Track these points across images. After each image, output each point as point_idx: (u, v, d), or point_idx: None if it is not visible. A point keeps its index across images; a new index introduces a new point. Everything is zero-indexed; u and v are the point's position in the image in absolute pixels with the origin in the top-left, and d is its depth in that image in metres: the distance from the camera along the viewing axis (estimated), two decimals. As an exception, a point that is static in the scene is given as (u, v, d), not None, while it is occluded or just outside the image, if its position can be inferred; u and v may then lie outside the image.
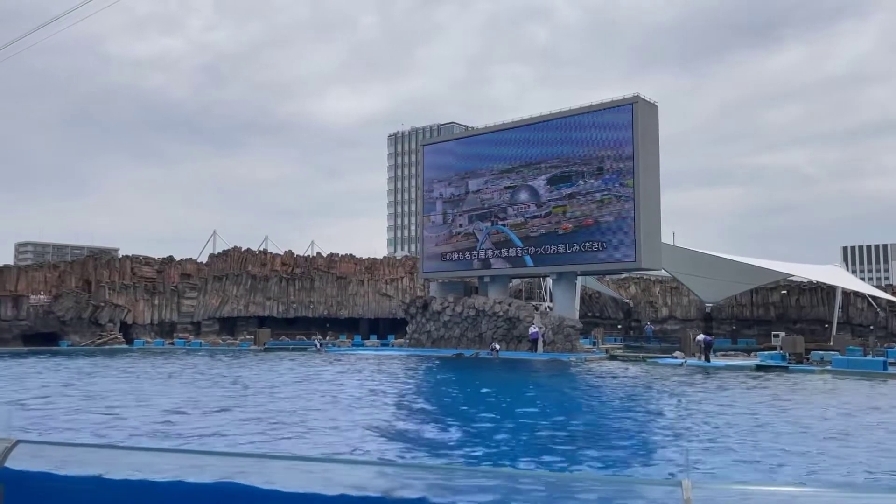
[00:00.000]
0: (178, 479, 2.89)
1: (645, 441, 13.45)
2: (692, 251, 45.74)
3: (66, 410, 16.43)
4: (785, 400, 19.87)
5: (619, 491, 2.62)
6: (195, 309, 54.23)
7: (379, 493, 2.70)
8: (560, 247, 42.43)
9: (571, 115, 42.60)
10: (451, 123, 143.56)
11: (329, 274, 58.18)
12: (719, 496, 2.71)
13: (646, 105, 40.46)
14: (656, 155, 41.30)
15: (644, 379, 26.81)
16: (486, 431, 13.97)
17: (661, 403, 20.21)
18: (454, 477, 2.83)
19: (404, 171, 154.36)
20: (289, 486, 2.82)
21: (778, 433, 13.83)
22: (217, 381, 24.07)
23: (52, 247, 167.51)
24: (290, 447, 12.01)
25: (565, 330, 40.77)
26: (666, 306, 57.06)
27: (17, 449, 3.24)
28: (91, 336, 48.93)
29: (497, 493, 2.59)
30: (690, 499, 2.50)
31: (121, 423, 14.53)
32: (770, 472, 10.29)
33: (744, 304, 53.77)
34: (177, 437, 12.73)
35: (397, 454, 11.67)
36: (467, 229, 46.90)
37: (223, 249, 58.58)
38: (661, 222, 41.21)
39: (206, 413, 16.28)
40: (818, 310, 51.01)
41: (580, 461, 11.16)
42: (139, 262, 55.25)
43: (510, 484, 2.68)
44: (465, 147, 48.60)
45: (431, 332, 46.49)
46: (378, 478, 2.91)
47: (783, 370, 29.89)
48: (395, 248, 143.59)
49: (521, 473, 2.89)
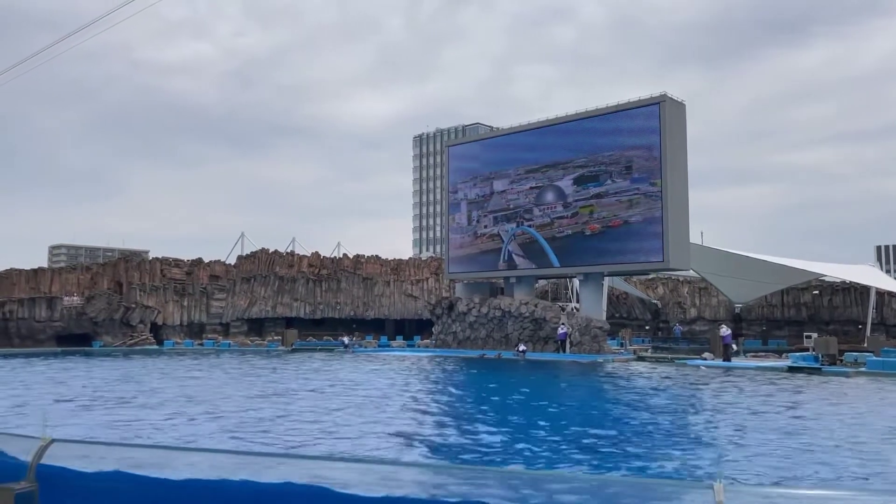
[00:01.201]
0: (220, 478, 2.91)
1: (677, 443, 13.29)
2: (721, 251, 45.16)
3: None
4: (821, 401, 19.52)
5: (650, 493, 2.59)
6: (224, 310, 54.88)
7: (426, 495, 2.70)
8: (587, 247, 42.16)
9: (598, 115, 42.33)
10: (476, 124, 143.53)
11: (355, 275, 58.50)
12: (751, 500, 2.66)
13: (673, 104, 40.05)
14: (684, 154, 40.87)
15: (674, 380, 26.53)
16: (524, 434, 13.93)
17: (694, 405, 19.97)
18: (485, 478, 2.82)
19: (429, 173, 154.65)
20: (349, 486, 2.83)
21: (814, 436, 13.59)
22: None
23: (84, 249, 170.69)
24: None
25: (592, 331, 40.50)
26: (694, 307, 56.41)
27: (52, 447, 3.30)
28: (122, 337, 49.76)
29: (527, 495, 2.58)
30: (723, 502, 2.46)
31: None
32: (803, 475, 10.11)
33: (774, 304, 52.96)
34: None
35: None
36: (493, 230, 46.82)
37: (251, 251, 59.25)
38: (689, 222, 40.77)
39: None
40: (851, 310, 50.05)
41: (612, 464, 11.07)
42: (169, 263, 56.07)
43: (540, 485, 2.67)
44: (490, 148, 48.54)
45: (457, 333, 46.49)
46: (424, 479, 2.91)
47: (816, 372, 29.36)
48: (420, 249, 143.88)
49: (551, 475, 2.87)
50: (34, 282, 50.75)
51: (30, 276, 50.90)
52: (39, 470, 3.21)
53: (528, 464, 10.84)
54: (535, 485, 2.67)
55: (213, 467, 3.04)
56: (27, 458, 3.24)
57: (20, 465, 3.23)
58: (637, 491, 2.61)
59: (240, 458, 3.27)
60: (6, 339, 47.70)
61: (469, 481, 2.79)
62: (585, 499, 2.51)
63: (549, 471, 8.99)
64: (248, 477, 2.89)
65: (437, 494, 2.66)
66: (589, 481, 2.75)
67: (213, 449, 4.03)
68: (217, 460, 3.17)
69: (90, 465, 3.20)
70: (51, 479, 3.18)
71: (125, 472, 3.15)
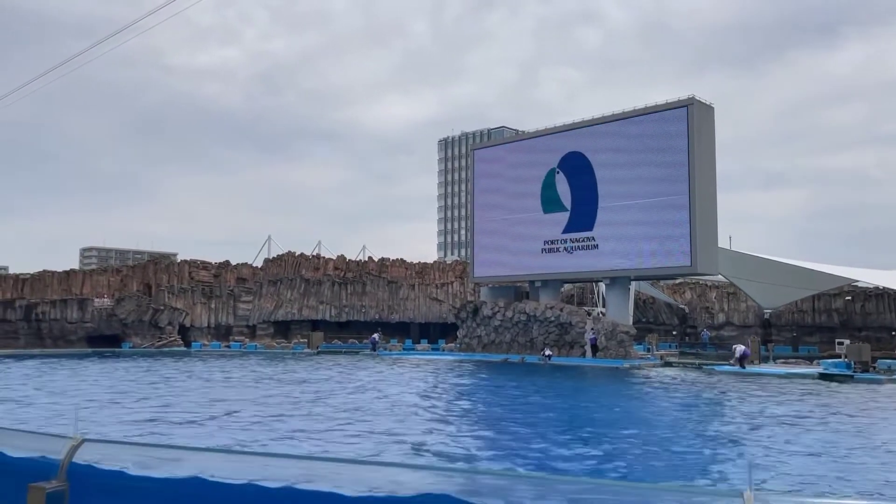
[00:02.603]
0: (249, 481, 2.92)
1: (707, 451, 13.12)
2: (750, 255, 44.49)
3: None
4: (856, 410, 19.14)
5: (679, 501, 2.56)
6: (250, 312, 55.40)
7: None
8: (613, 251, 41.81)
9: (625, 118, 42.00)
10: (502, 128, 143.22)
11: (380, 278, 58.69)
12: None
13: (701, 107, 39.62)
14: (712, 157, 40.39)
15: (703, 387, 26.20)
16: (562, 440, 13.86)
17: (724, 413, 19.71)
18: (517, 484, 2.81)
19: (455, 176, 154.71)
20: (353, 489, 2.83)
21: (845, 445, 13.33)
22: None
23: (114, 251, 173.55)
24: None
25: (619, 336, 40.15)
26: (723, 312, 55.65)
27: (83, 447, 3.34)
28: (151, 338, 50.47)
29: (552, 500, 2.55)
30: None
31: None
32: (834, 486, 9.92)
33: (805, 310, 52.03)
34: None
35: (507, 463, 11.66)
36: (518, 233, 46.64)
37: (277, 254, 59.74)
38: (717, 226, 40.26)
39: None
40: (885, 317, 48.99)
41: (640, 470, 10.97)
42: (197, 266, 56.78)
43: (567, 490, 2.65)
44: (516, 151, 48.39)
45: (482, 337, 46.40)
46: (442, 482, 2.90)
47: (848, 379, 28.80)
48: (445, 252, 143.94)
49: (579, 481, 2.84)
50: (66, 283, 51.70)
51: (62, 278, 51.87)
52: (70, 469, 3.25)
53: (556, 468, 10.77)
54: (563, 490, 2.65)
55: (242, 469, 3.05)
56: (59, 457, 3.29)
57: (52, 463, 3.28)
58: (665, 498, 2.58)
59: (268, 459, 3.28)
60: (38, 339, 48.66)
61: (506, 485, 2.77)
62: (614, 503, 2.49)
63: (576, 476, 8.92)
64: (272, 478, 2.90)
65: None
66: (616, 487, 2.72)
67: (243, 451, 4.06)
68: (245, 462, 3.19)
69: (122, 465, 3.23)
70: (81, 478, 3.22)
71: (158, 474, 3.18)
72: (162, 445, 3.92)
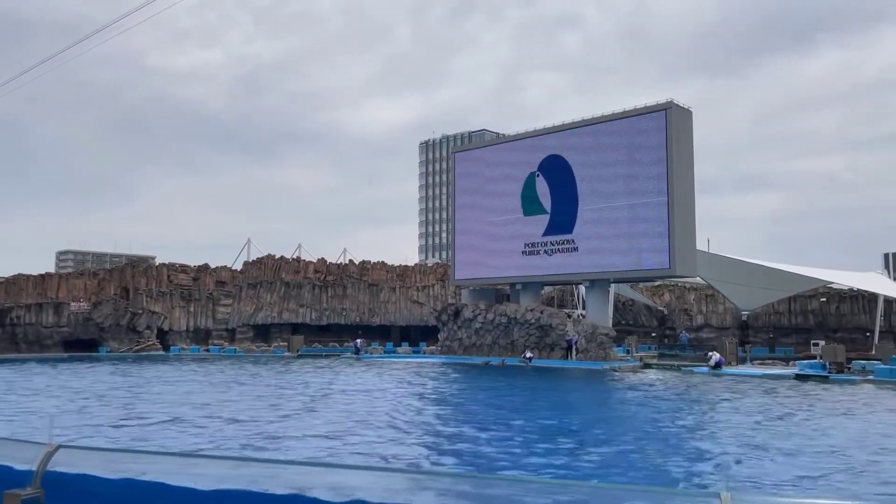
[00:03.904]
0: (219, 486, 2.91)
1: (684, 452, 13.24)
2: (728, 258, 44.98)
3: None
4: (830, 410, 19.41)
5: (657, 502, 2.58)
6: (230, 316, 54.97)
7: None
8: (593, 253, 42.05)
9: (604, 121, 42.30)
10: (483, 131, 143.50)
11: (361, 281, 58.53)
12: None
13: (679, 110, 40.01)
14: (690, 160, 40.79)
15: (682, 388, 26.42)
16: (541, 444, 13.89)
17: (702, 414, 19.89)
18: (490, 486, 2.81)
19: (435, 179, 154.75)
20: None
21: (820, 444, 13.51)
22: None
23: (91, 255, 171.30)
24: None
25: (599, 338, 40.37)
26: (701, 314, 56.18)
27: (58, 454, 3.30)
28: (129, 342, 49.89)
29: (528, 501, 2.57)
30: (730, 512, 2.44)
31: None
32: (812, 485, 10.05)
33: (781, 311, 52.68)
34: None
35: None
36: (498, 236, 46.74)
37: (257, 257, 59.34)
38: (695, 229, 40.66)
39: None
40: (859, 318, 49.75)
41: (617, 471, 11.03)
42: (175, 269, 56.23)
43: (543, 493, 2.66)
44: (497, 154, 48.53)
45: (463, 340, 46.42)
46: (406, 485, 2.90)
47: (823, 380, 29.21)
48: (426, 255, 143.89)
49: (555, 484, 2.86)
50: (41, 287, 50.94)
51: (37, 282, 51.10)
52: (45, 476, 3.21)
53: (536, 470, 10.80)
54: (538, 492, 2.66)
55: (221, 476, 3.03)
56: (33, 465, 3.24)
57: (26, 471, 3.24)
58: (643, 499, 2.60)
59: (250, 466, 3.26)
60: (13, 344, 47.89)
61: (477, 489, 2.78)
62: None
63: (552, 479, 8.96)
64: (254, 487, 2.88)
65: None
66: (593, 489, 2.74)
67: (222, 456, 4.03)
68: (225, 468, 3.17)
69: (96, 471, 3.20)
70: (57, 486, 3.18)
71: (132, 478, 3.15)
72: (141, 451, 3.88)
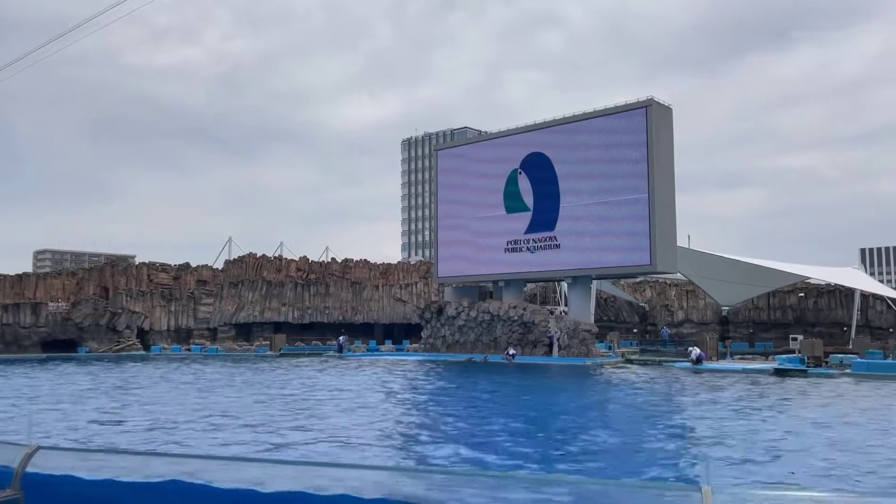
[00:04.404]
0: (205, 482, 2.89)
1: (666, 446, 13.35)
2: (708, 254, 45.43)
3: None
4: (809, 403, 19.66)
5: (638, 496, 2.60)
6: (211, 315, 54.58)
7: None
8: (574, 250, 42.25)
9: (585, 119, 42.50)
10: (465, 128, 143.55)
11: (344, 279, 58.36)
12: (739, 502, 2.68)
13: (660, 108, 40.28)
14: (671, 158, 41.09)
15: (663, 383, 26.63)
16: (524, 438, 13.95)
17: (683, 408, 20.06)
18: (471, 481, 2.83)
19: (418, 176, 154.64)
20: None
21: (800, 438, 13.68)
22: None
23: (69, 254, 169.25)
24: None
25: (581, 334, 40.59)
26: (682, 309, 56.68)
27: (37, 455, 3.27)
28: (109, 342, 49.36)
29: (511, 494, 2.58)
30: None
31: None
32: (790, 477, 10.18)
33: (761, 307, 53.30)
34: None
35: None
36: (481, 233, 46.82)
37: (239, 256, 58.97)
38: (676, 225, 40.98)
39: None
40: (836, 312, 50.46)
41: (601, 465, 11.10)
42: (156, 268, 55.72)
43: (533, 488, 2.67)
44: (479, 151, 48.59)
45: (446, 337, 46.47)
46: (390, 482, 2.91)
47: (802, 374, 29.58)
48: (409, 252, 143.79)
49: (541, 478, 2.88)
50: (18, 287, 50.26)
51: (14, 282, 50.40)
52: (25, 477, 3.18)
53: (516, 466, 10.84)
54: (521, 487, 2.68)
55: (200, 472, 3.02)
56: (13, 466, 3.21)
57: (5, 472, 3.20)
58: (625, 493, 2.62)
59: (229, 463, 3.25)
60: (-10, 345, 47.20)
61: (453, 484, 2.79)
62: (573, 500, 2.52)
63: (536, 474, 9.00)
64: (237, 483, 2.87)
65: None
66: (576, 483, 2.76)
67: (200, 455, 4.01)
68: (202, 466, 3.16)
69: (76, 472, 3.17)
70: (36, 487, 3.15)
71: (112, 479, 3.13)
72: (120, 451, 3.85)
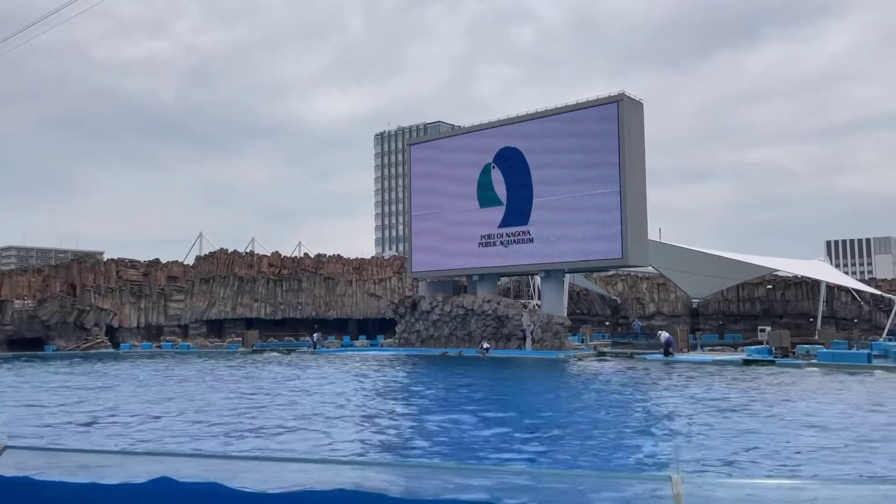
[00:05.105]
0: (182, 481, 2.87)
1: (636, 436, 13.51)
2: (678, 247, 45.97)
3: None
4: (776, 392, 20.03)
5: (609, 485, 2.64)
6: (182, 311, 53.91)
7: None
8: (547, 244, 42.50)
9: (557, 113, 42.72)
10: (438, 122, 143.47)
11: (317, 275, 58.00)
12: (708, 490, 2.73)
13: (631, 102, 40.62)
14: (642, 152, 41.48)
15: (634, 375, 26.93)
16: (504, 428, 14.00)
17: (653, 399, 20.31)
18: (443, 475, 2.84)
19: (391, 171, 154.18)
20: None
21: (768, 426, 13.94)
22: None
23: (35, 251, 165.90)
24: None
25: (554, 327, 40.87)
26: (653, 302, 57.30)
27: (4, 454, 3.21)
28: (76, 340, 48.52)
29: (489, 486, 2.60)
30: (680, 493, 2.51)
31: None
32: (758, 465, 10.37)
33: (730, 299, 54.09)
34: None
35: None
36: (455, 227, 46.85)
37: (210, 251, 58.26)
38: (647, 219, 41.40)
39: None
40: (803, 304, 51.40)
41: (570, 457, 11.20)
42: (125, 265, 54.85)
43: (501, 480, 2.69)
44: (453, 145, 48.59)
45: (421, 332, 46.46)
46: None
47: (770, 364, 30.13)
48: (382, 247, 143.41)
49: (511, 469, 2.90)
50: (-17, 285, 49.17)
51: (-22, 279, 49.30)
52: (-9, 478, 3.11)
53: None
54: (494, 477, 2.70)
55: (175, 471, 2.99)
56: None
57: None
58: (597, 483, 2.66)
59: (203, 461, 3.23)
60: (-47, 344, 46.13)
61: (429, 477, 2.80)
62: (545, 490, 2.54)
63: (507, 465, 9.07)
64: (217, 480, 2.86)
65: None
66: (546, 474, 2.78)
67: (173, 452, 3.97)
68: (178, 464, 3.13)
69: (45, 471, 3.12)
70: (3, 487, 3.10)
71: (80, 479, 3.09)
72: (90, 451, 3.80)
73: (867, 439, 12.42)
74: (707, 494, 2.67)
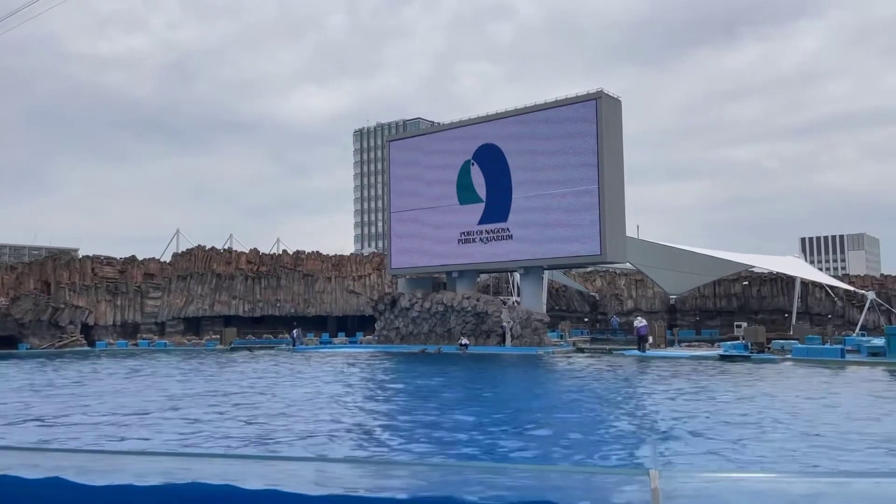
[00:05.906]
0: (166, 482, 2.87)
1: (614, 431, 13.64)
2: (656, 244, 46.39)
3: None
4: (753, 387, 20.32)
5: (586, 481, 2.68)
6: (159, 309, 53.38)
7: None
8: (526, 241, 42.68)
9: (536, 110, 42.88)
10: (418, 119, 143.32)
11: (295, 272, 57.70)
12: (686, 485, 2.78)
13: (609, 100, 40.88)
14: (620, 149, 41.78)
15: (612, 370, 27.15)
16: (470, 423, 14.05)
17: (631, 394, 20.50)
18: (425, 472, 2.87)
19: (370, 168, 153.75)
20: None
21: (745, 421, 14.14)
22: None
23: (8, 248, 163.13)
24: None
25: (533, 324, 41.07)
26: (631, 298, 57.78)
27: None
28: (51, 338, 47.85)
29: (464, 482, 2.64)
30: (658, 488, 2.55)
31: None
32: (735, 460, 10.53)
33: (707, 295, 54.71)
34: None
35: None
36: (434, 224, 46.86)
37: (187, 248, 57.71)
38: (625, 216, 41.72)
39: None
40: (778, 300, 52.14)
41: (547, 452, 11.29)
42: (100, 262, 54.14)
43: (474, 476, 2.73)
44: (432, 142, 48.59)
45: (400, 329, 46.44)
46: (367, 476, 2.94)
47: (746, 359, 30.54)
48: (362, 244, 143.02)
49: (487, 466, 2.94)
50: (-46, 283, 48.30)
51: (-51, 277, 48.42)
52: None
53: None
54: (471, 475, 2.73)
55: (161, 471, 3.00)
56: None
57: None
58: (573, 479, 2.70)
59: (187, 460, 3.23)
60: (-76, 343, 45.27)
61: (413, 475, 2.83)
62: (521, 487, 2.59)
63: (483, 462, 9.13)
64: (198, 479, 2.87)
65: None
66: (524, 470, 2.83)
67: (160, 452, 3.97)
68: (165, 464, 3.13)
69: (28, 471, 3.11)
70: None
71: (56, 477, 3.07)
72: (74, 450, 3.78)
73: (841, 431, 12.66)
74: (684, 488, 2.71)
